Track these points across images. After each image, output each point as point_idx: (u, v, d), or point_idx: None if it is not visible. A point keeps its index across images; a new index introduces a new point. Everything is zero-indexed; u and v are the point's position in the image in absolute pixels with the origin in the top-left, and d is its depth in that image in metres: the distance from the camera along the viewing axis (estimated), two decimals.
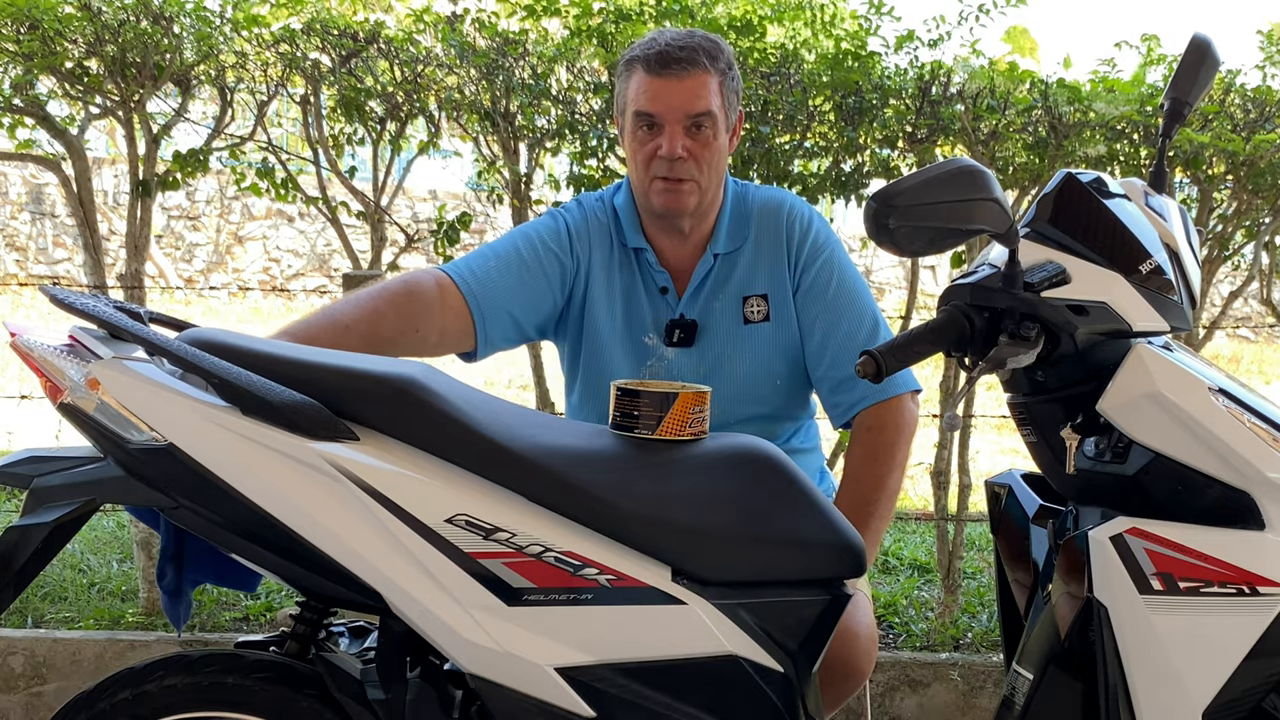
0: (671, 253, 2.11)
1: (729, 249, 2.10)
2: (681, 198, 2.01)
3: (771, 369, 2.08)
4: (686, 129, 1.98)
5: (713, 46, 2.00)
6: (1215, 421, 1.46)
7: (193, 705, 1.57)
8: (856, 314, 2.06)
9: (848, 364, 2.02)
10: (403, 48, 3.24)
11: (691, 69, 1.96)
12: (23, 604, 3.21)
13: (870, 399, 2.02)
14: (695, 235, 2.10)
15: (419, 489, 1.48)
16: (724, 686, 1.54)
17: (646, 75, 1.98)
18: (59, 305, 1.55)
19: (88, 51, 3.10)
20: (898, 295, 12.24)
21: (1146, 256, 1.53)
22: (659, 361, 2.09)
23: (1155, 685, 1.45)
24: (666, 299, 2.11)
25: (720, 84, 1.99)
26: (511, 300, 2.03)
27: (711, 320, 2.09)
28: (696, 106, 1.97)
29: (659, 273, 2.10)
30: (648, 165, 2.01)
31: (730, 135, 2.06)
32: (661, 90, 1.97)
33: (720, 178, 2.07)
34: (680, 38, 2.00)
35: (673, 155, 1.97)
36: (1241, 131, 3.08)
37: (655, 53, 1.98)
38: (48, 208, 12.04)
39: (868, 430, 2.02)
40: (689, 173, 1.99)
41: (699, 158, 1.99)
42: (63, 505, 1.52)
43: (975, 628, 3.25)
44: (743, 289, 2.09)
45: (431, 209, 11.07)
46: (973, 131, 3.06)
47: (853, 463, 2.02)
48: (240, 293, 11.63)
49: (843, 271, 2.09)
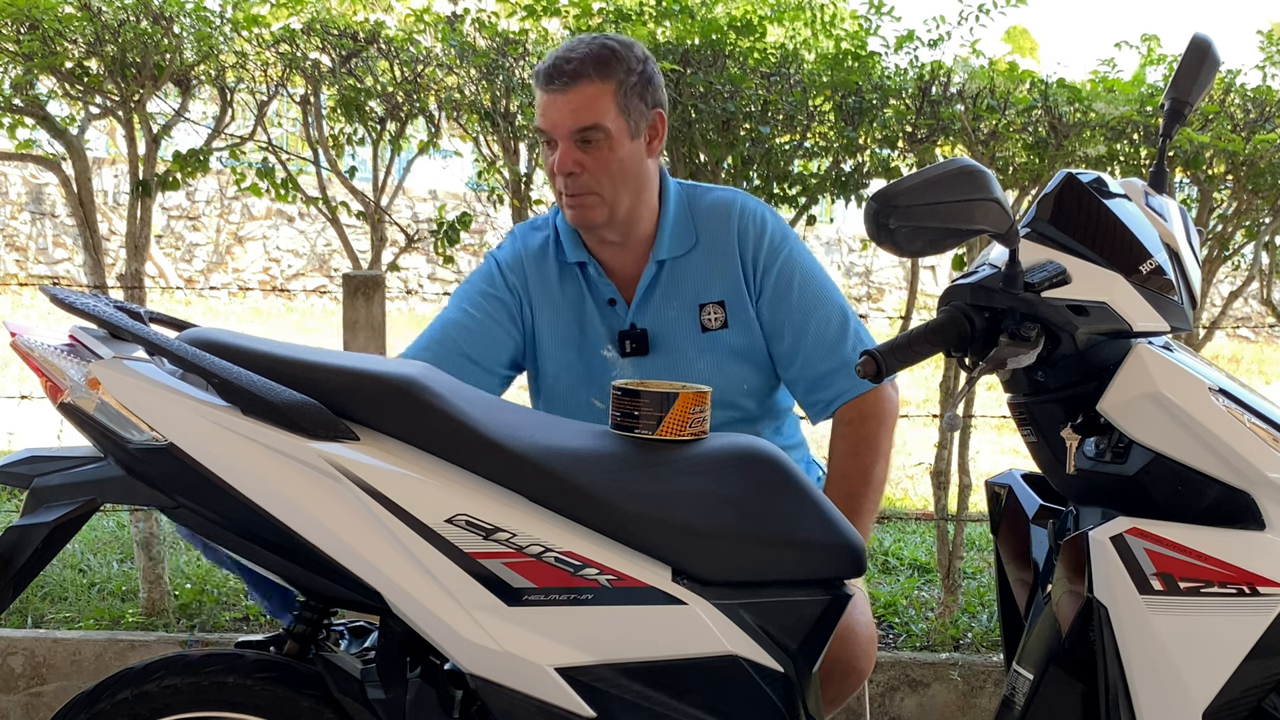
0: (614, 263, 2.08)
1: (675, 254, 2.05)
2: (585, 212, 1.98)
3: (736, 374, 2.05)
4: (577, 143, 1.93)
5: (605, 54, 1.93)
6: (1215, 421, 1.46)
7: (193, 705, 1.57)
8: (824, 311, 2.03)
9: (820, 362, 2.01)
10: (403, 48, 3.24)
11: (576, 81, 1.91)
12: (23, 604, 3.21)
13: (849, 393, 2.00)
14: (633, 243, 2.06)
15: (419, 489, 1.48)
16: (724, 687, 1.54)
17: (539, 90, 1.96)
18: (59, 305, 1.55)
19: (88, 51, 3.10)
20: (898, 295, 12.25)
21: (1147, 256, 1.53)
22: (620, 374, 2.06)
23: (1155, 685, 1.45)
24: (616, 310, 2.08)
25: (616, 92, 1.93)
26: (468, 348, 2.02)
27: (666, 329, 2.05)
28: (582, 120, 1.92)
29: (605, 285, 2.07)
30: (554, 180, 1.99)
31: (649, 139, 2.00)
32: (548, 105, 1.94)
33: (637, 185, 2.00)
34: (571, 48, 1.95)
35: (562, 171, 1.94)
36: (1241, 131, 3.08)
37: (544, 67, 1.95)
38: (48, 208, 12.04)
39: (849, 424, 2.01)
40: (587, 186, 1.95)
41: (595, 170, 1.94)
42: (63, 505, 1.52)
43: (975, 628, 3.25)
44: (698, 296, 2.05)
45: (431, 209, 11.07)
46: (973, 131, 3.06)
47: (836, 457, 2.01)
48: (240, 293, 11.63)
49: (805, 269, 2.05)
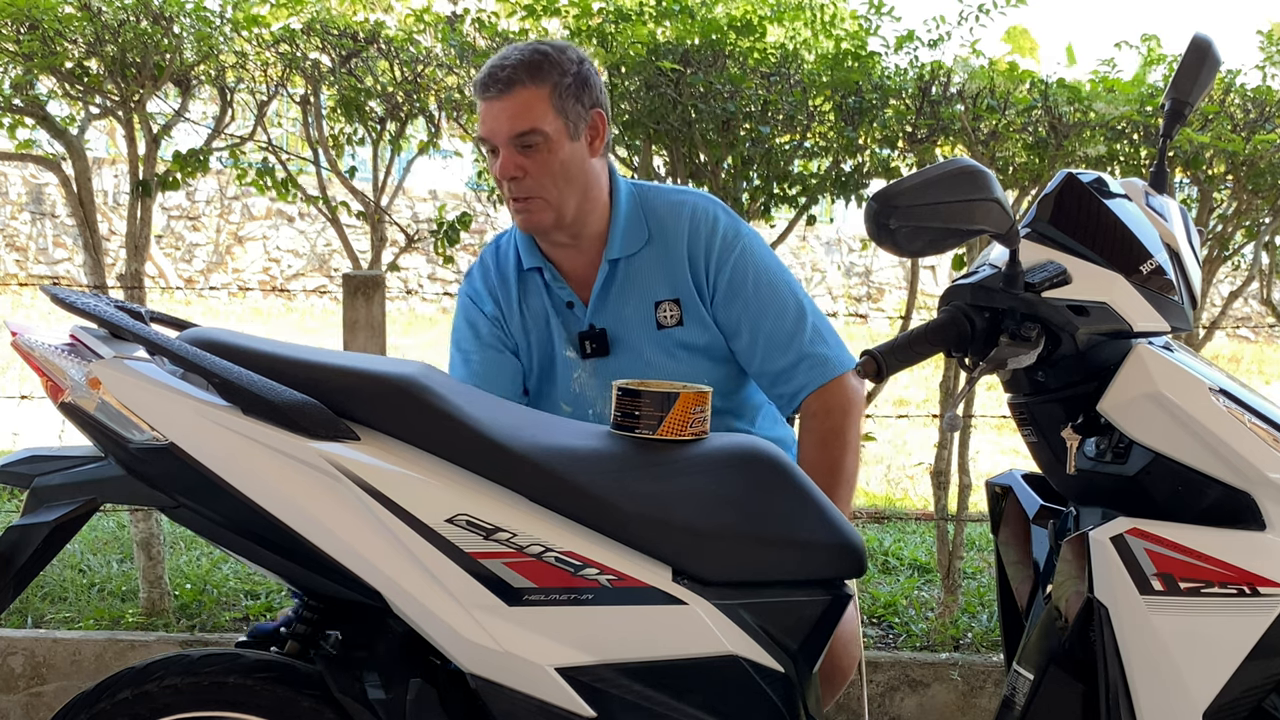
0: (569, 264, 2.10)
1: (626, 253, 2.06)
2: (532, 216, 1.99)
3: (695, 372, 2.05)
4: (517, 149, 1.94)
5: (537, 58, 1.94)
6: (1216, 422, 1.46)
7: (193, 705, 1.57)
8: (779, 305, 2.03)
9: (779, 356, 2.01)
10: (403, 48, 3.24)
11: (510, 88, 1.92)
12: (23, 604, 3.21)
13: (811, 385, 2.00)
14: (585, 244, 2.07)
15: (419, 489, 1.48)
16: (724, 687, 1.54)
17: (478, 99, 1.98)
18: (60, 305, 1.55)
19: (88, 51, 3.10)
20: (898, 295, 12.25)
21: (1147, 257, 1.53)
22: (583, 374, 2.07)
23: (1156, 686, 1.45)
24: (574, 312, 2.09)
25: (551, 95, 1.93)
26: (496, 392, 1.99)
27: (624, 328, 2.06)
28: (518, 125, 1.93)
29: (562, 288, 2.09)
30: (501, 188, 2.01)
31: (590, 139, 2.00)
32: (486, 113, 1.96)
33: (582, 186, 2.01)
34: (505, 56, 1.96)
35: (505, 176, 1.96)
36: (1241, 131, 3.08)
37: (481, 76, 1.96)
38: (48, 208, 12.04)
39: (813, 416, 2.01)
40: (530, 190, 1.96)
41: (537, 174, 1.95)
42: (63, 505, 1.53)
43: (975, 628, 3.25)
44: (653, 294, 2.06)
45: (431, 209, 11.08)
46: (973, 131, 3.06)
47: (805, 451, 2.01)
48: (240, 293, 11.63)
49: (759, 264, 2.05)
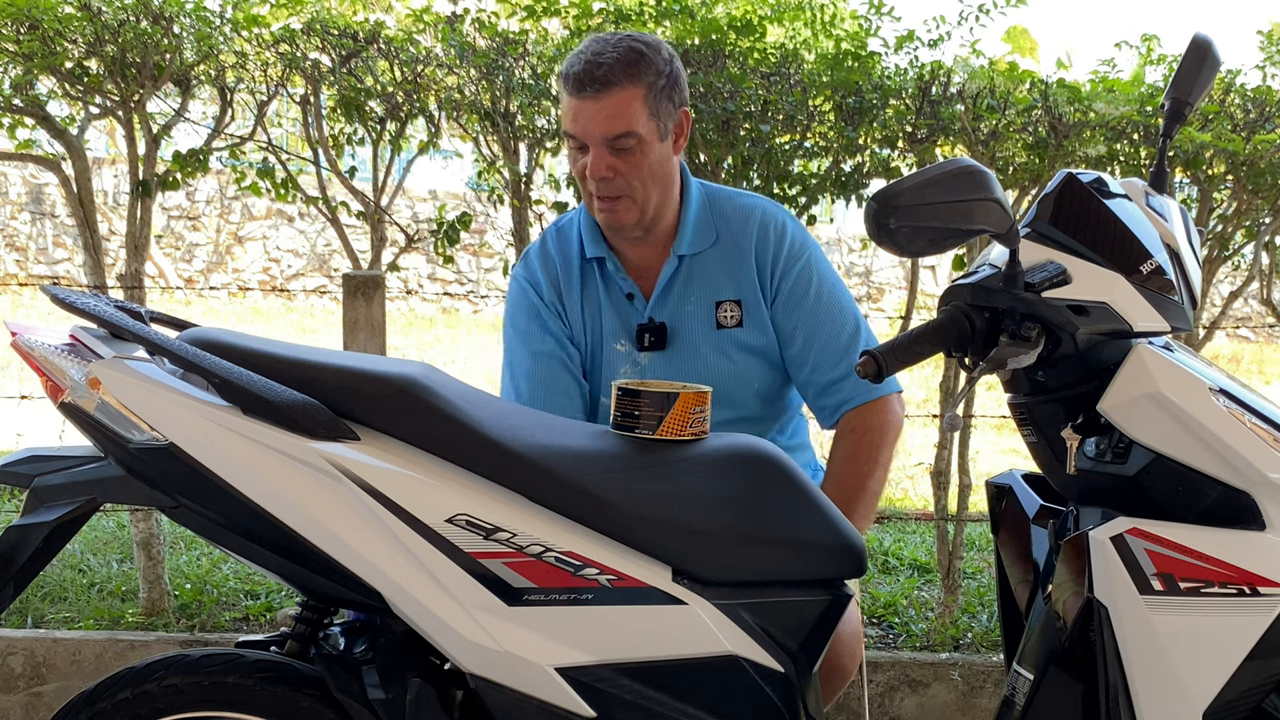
0: (636, 256, 2.10)
1: (694, 250, 2.07)
2: (618, 214, 2.00)
3: (748, 373, 2.07)
4: (610, 149, 1.94)
5: (634, 56, 1.93)
6: (1216, 422, 1.46)
7: (193, 705, 1.57)
8: (838, 319, 2.05)
9: (829, 369, 2.02)
10: (403, 48, 3.24)
11: (608, 88, 1.91)
12: (23, 604, 3.21)
13: (855, 401, 2.01)
14: (655, 238, 2.08)
15: (419, 489, 1.48)
16: (725, 687, 1.54)
17: (569, 96, 1.95)
18: (60, 305, 1.55)
19: (88, 51, 3.10)
20: (898, 295, 12.24)
21: (1147, 257, 1.53)
22: (633, 367, 2.08)
23: (1156, 686, 1.45)
24: (634, 304, 2.09)
25: (647, 95, 1.93)
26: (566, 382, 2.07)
27: (683, 324, 2.07)
28: (615, 128, 1.92)
29: (624, 279, 2.09)
30: (584, 183, 2.01)
31: (675, 138, 2.02)
32: (580, 112, 1.94)
33: (665, 184, 2.03)
34: (599, 52, 1.93)
35: (597, 176, 1.95)
36: (1241, 131, 3.08)
37: (575, 71, 1.94)
38: (48, 208, 12.04)
39: (852, 431, 2.02)
40: (621, 189, 1.97)
41: (628, 174, 1.96)
42: (63, 505, 1.53)
43: (975, 628, 3.25)
44: (715, 293, 2.07)
45: (431, 209, 11.06)
46: (973, 131, 3.06)
47: (835, 463, 2.02)
48: (240, 293, 11.63)
49: (822, 276, 2.07)
